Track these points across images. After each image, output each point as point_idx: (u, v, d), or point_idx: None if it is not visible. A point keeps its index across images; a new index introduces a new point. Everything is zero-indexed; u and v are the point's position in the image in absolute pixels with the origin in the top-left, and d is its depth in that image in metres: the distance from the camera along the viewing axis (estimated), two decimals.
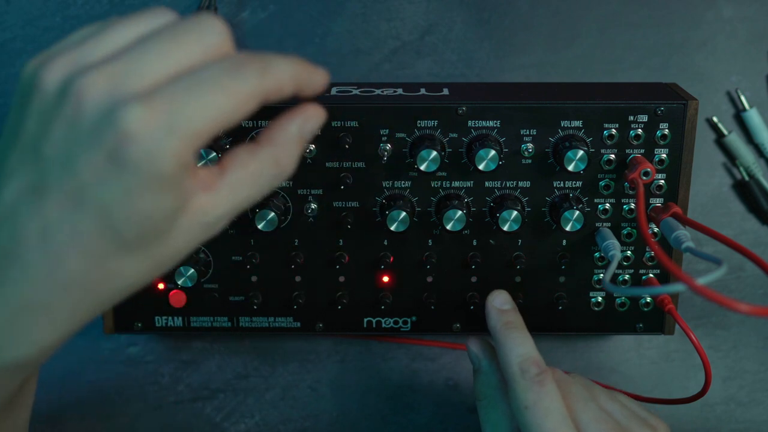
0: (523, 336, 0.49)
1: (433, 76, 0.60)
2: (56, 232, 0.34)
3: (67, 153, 0.33)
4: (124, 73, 0.33)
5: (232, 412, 0.65)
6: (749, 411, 0.65)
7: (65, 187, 0.34)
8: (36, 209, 0.34)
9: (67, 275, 0.35)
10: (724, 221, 0.62)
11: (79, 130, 0.33)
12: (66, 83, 0.34)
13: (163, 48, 0.34)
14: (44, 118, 0.34)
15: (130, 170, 0.33)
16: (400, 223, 0.52)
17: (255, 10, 0.59)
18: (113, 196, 0.33)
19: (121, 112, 0.32)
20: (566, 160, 0.51)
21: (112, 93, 0.33)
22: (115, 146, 0.32)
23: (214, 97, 0.34)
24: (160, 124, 0.32)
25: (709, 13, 0.59)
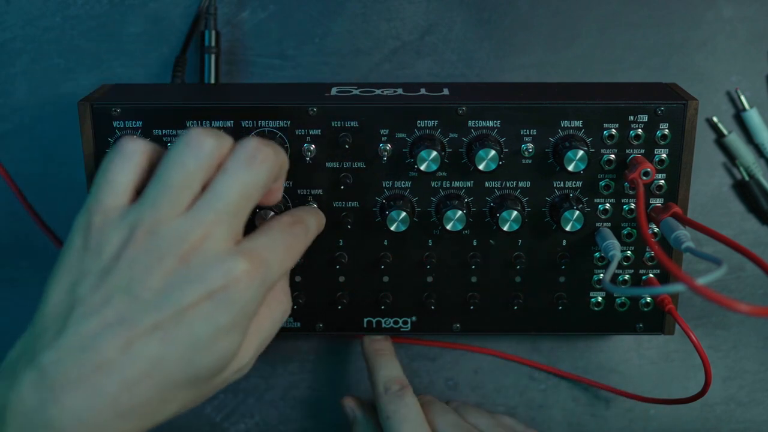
0: (390, 360, 0.58)
1: (433, 76, 0.60)
2: (136, 361, 0.37)
3: (165, 294, 0.38)
4: (217, 231, 0.39)
5: (232, 412, 0.65)
6: (749, 411, 0.65)
7: (156, 322, 0.38)
8: (120, 339, 0.37)
9: (131, 403, 0.38)
10: (724, 221, 0.62)
11: (182, 276, 0.38)
12: (166, 239, 0.39)
13: (235, 198, 0.40)
14: (141, 268, 0.38)
15: (228, 310, 0.38)
16: (400, 223, 0.52)
17: (255, 10, 0.59)
18: (204, 332, 0.38)
19: (229, 263, 0.39)
20: (566, 160, 0.51)
21: (212, 248, 0.39)
22: (220, 287, 0.38)
23: (288, 255, 0.43)
24: (259, 274, 0.39)
25: (709, 13, 0.59)
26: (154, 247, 0.39)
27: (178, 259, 0.38)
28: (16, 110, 0.60)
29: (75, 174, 0.61)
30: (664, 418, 0.65)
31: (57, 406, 0.37)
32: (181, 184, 0.40)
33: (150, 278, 0.38)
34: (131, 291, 0.38)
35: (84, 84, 0.60)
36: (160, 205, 0.40)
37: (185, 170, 0.40)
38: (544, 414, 0.65)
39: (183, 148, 0.40)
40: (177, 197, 0.40)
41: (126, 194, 0.41)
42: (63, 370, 0.37)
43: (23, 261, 0.63)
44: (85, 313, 0.38)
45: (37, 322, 0.39)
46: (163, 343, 0.38)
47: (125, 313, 0.38)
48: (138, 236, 0.39)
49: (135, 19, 0.59)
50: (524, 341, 0.64)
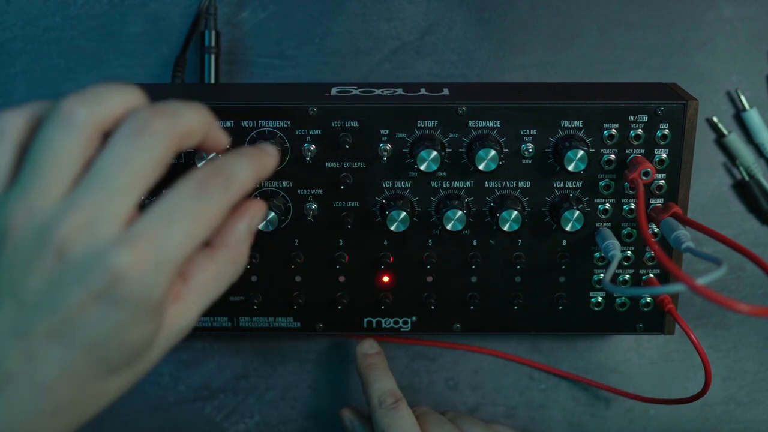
0: (383, 374, 0.58)
1: (433, 76, 0.60)
2: (44, 368, 0.35)
3: (50, 296, 0.34)
4: (97, 216, 0.34)
5: (232, 412, 0.65)
6: (749, 411, 0.65)
7: (51, 328, 0.34)
8: (21, 349, 0.34)
9: (55, 404, 0.36)
10: (724, 221, 0.62)
11: (61, 274, 0.34)
12: (39, 232, 0.34)
13: (120, 178, 0.34)
14: (20, 266, 0.34)
15: (122, 307, 0.34)
16: (400, 223, 0.52)
17: (255, 10, 0.59)
18: (103, 332, 0.35)
19: (110, 257, 0.33)
20: (566, 160, 0.51)
21: (92, 238, 0.34)
22: (105, 286, 0.33)
23: (189, 225, 0.35)
24: (148, 263, 0.34)
25: (709, 13, 0.59)
26: (29, 241, 0.34)
27: (54, 254, 0.34)
28: None
29: None
30: (664, 418, 0.65)
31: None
32: (50, 166, 0.34)
33: (30, 279, 0.34)
34: (16, 294, 0.34)
35: (84, 84, 0.59)
36: (30, 192, 0.34)
37: (53, 149, 0.34)
38: (544, 414, 0.65)
39: (51, 123, 0.35)
40: (48, 182, 0.34)
41: (4, 175, 0.36)
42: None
43: None
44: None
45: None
46: (64, 349, 0.34)
47: (17, 321, 0.34)
48: (12, 229, 0.34)
49: (135, 19, 0.59)
50: (524, 341, 0.64)
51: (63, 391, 0.36)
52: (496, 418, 0.65)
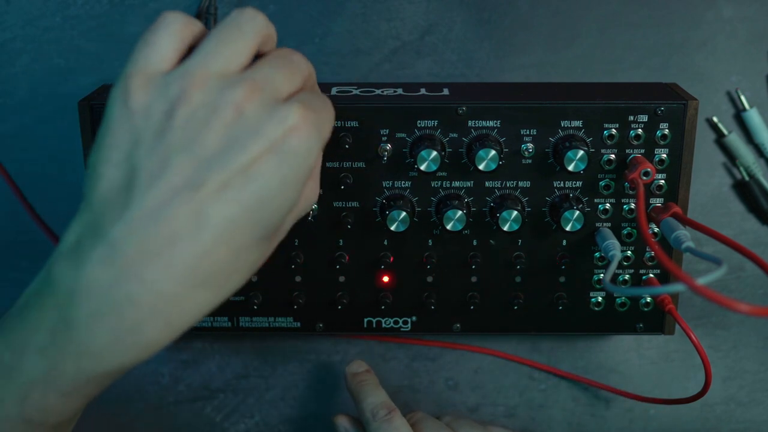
0: (373, 389, 0.58)
1: (433, 76, 0.60)
2: (208, 226, 0.36)
3: (226, 149, 0.36)
4: (270, 84, 0.38)
5: (232, 412, 0.65)
6: (749, 411, 0.65)
7: (223, 180, 0.36)
8: (190, 205, 0.36)
9: (208, 271, 0.37)
10: (724, 221, 0.62)
11: (240, 127, 0.37)
12: (220, 91, 0.37)
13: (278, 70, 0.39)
14: (197, 123, 0.37)
15: (290, 159, 0.37)
16: (400, 223, 0.52)
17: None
18: (270, 186, 0.37)
19: (284, 111, 0.37)
20: (566, 160, 0.51)
21: (268, 98, 0.38)
22: (280, 137, 0.37)
23: (329, 114, 0.41)
24: (313, 122, 0.38)
25: (709, 13, 0.59)
26: (208, 100, 0.37)
27: (233, 109, 0.36)
28: (16, 110, 0.60)
29: (75, 174, 0.61)
30: (664, 418, 0.65)
31: (134, 280, 0.36)
32: (235, 43, 0.38)
33: (209, 134, 0.36)
34: (191, 150, 0.36)
35: (84, 84, 0.60)
36: (213, 60, 0.38)
37: (241, 31, 0.39)
38: (544, 414, 0.65)
39: (239, 15, 0.39)
40: (231, 55, 0.38)
41: (168, 59, 0.39)
42: (137, 243, 0.35)
43: (23, 261, 0.63)
44: (148, 181, 0.36)
45: (94, 200, 0.37)
46: (234, 204, 0.36)
47: (189, 175, 0.36)
48: (188, 91, 0.37)
49: (135, 19, 0.59)
50: (524, 341, 0.64)
51: (219, 255, 0.37)
52: (496, 418, 0.65)
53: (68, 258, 0.37)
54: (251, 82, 0.37)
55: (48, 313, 0.37)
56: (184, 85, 0.37)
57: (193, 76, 0.37)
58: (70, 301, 0.36)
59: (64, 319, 0.36)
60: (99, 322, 0.36)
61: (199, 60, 0.38)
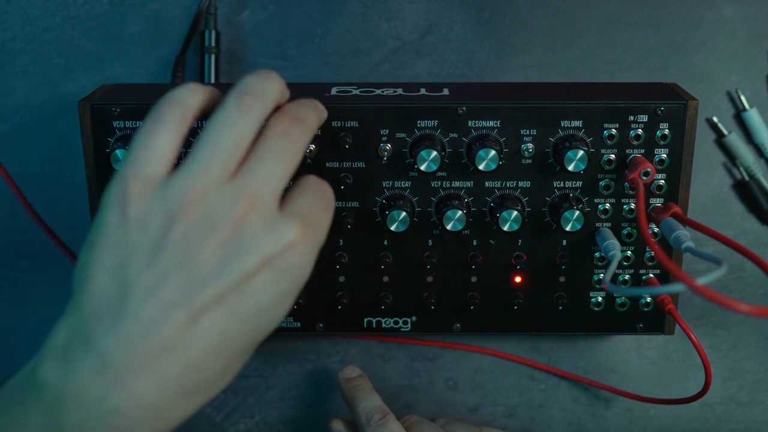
0: (367, 393, 0.58)
1: (433, 76, 0.60)
2: (201, 338, 0.36)
3: (221, 266, 0.36)
4: (266, 194, 0.38)
5: (232, 412, 0.65)
6: (749, 411, 0.65)
7: (217, 296, 0.36)
8: (183, 318, 0.36)
9: (198, 382, 0.37)
10: (724, 221, 0.62)
11: (236, 245, 0.37)
12: (218, 208, 0.37)
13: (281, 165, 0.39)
14: (195, 240, 0.36)
15: (286, 276, 0.38)
16: (400, 223, 0.52)
17: (255, 10, 0.59)
18: (265, 302, 0.37)
19: (283, 228, 0.37)
20: (566, 160, 0.51)
21: (265, 212, 0.37)
22: (277, 254, 0.37)
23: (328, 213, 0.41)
24: (313, 239, 0.39)
25: (709, 13, 0.59)
26: (206, 217, 0.37)
27: (231, 226, 0.36)
28: (16, 110, 0.60)
29: (75, 174, 0.61)
30: (664, 418, 0.65)
31: (123, 392, 0.36)
32: (233, 148, 0.38)
33: (205, 251, 0.36)
34: (187, 267, 0.36)
35: (84, 84, 0.60)
36: (211, 170, 0.37)
37: (239, 133, 0.38)
38: (544, 414, 0.65)
39: (231, 110, 0.38)
40: (228, 161, 0.38)
41: (166, 162, 0.38)
42: (127, 356, 0.36)
43: (23, 261, 0.63)
44: (142, 295, 0.36)
45: (84, 305, 0.37)
46: (227, 318, 0.36)
47: (184, 292, 0.36)
48: (187, 206, 0.37)
49: (135, 19, 0.59)
50: (524, 341, 0.64)
51: (211, 366, 0.37)
52: (496, 418, 0.65)
53: (57, 362, 0.37)
54: (249, 193, 0.37)
55: (35, 415, 0.37)
56: (182, 199, 0.37)
57: (190, 190, 0.37)
58: (58, 407, 0.36)
59: (51, 423, 0.37)
60: (86, 430, 0.36)
61: (195, 169, 0.37)
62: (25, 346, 0.64)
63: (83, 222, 0.59)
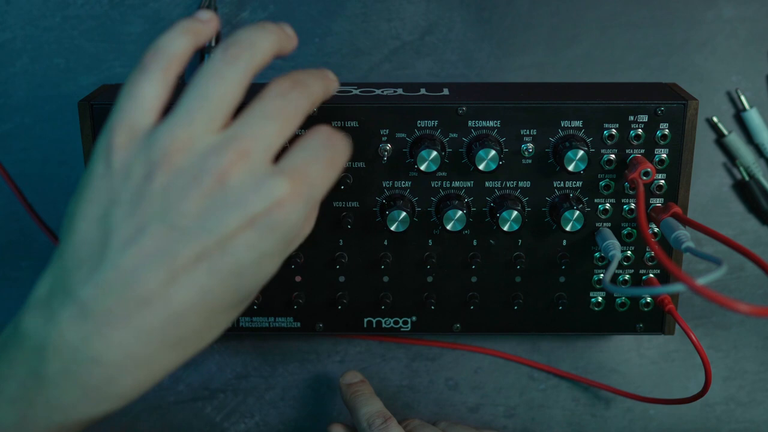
0: (368, 398, 0.58)
1: (433, 76, 0.60)
2: (182, 294, 0.36)
3: (204, 220, 0.35)
4: (256, 148, 0.36)
5: (232, 412, 0.65)
6: (749, 411, 0.65)
7: (199, 252, 0.35)
8: (164, 272, 0.35)
9: (179, 335, 0.37)
10: (724, 221, 0.62)
11: (220, 199, 0.35)
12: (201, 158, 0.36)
13: (278, 122, 0.37)
14: (176, 191, 0.36)
15: (272, 234, 0.36)
16: (400, 223, 0.52)
17: (255, 10, 0.59)
18: (248, 259, 0.36)
19: (270, 185, 0.36)
20: (566, 160, 0.51)
21: (253, 167, 0.36)
22: (262, 212, 0.36)
23: (331, 170, 0.38)
24: (301, 195, 0.36)
25: (709, 13, 0.59)
26: (189, 167, 0.36)
27: (215, 179, 0.35)
28: (16, 110, 0.60)
29: (75, 174, 0.61)
30: (664, 418, 0.65)
31: (103, 341, 0.36)
32: (219, 98, 0.36)
33: (187, 204, 0.35)
34: (168, 219, 0.35)
35: (84, 84, 0.60)
36: (196, 119, 0.36)
37: (224, 83, 0.37)
38: (544, 414, 0.65)
39: (219, 60, 0.37)
40: (214, 112, 0.36)
41: (153, 112, 0.37)
42: (106, 306, 0.35)
43: (23, 261, 0.63)
44: (122, 244, 0.35)
45: (66, 254, 0.37)
46: (208, 274, 0.36)
47: (165, 244, 0.35)
48: (171, 155, 0.36)
49: (135, 19, 0.59)
50: (524, 341, 0.64)
51: (192, 321, 0.37)
52: (496, 419, 0.65)
53: (39, 312, 0.37)
54: (238, 144, 0.36)
55: (18, 365, 0.37)
56: (166, 147, 0.36)
57: (175, 138, 0.36)
58: (39, 356, 0.36)
59: (33, 373, 0.37)
60: (68, 379, 0.36)
61: (180, 118, 0.36)
62: None
63: None
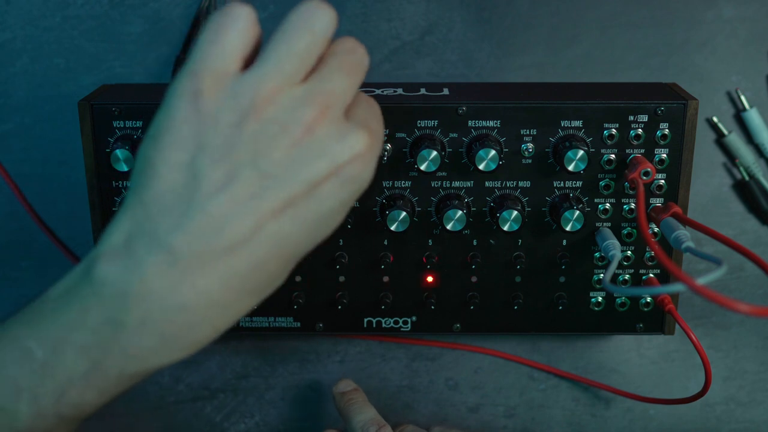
0: (363, 406, 0.58)
1: (433, 76, 0.60)
2: (266, 241, 0.37)
3: (291, 168, 0.36)
4: (336, 102, 0.37)
5: (232, 412, 0.65)
6: (749, 411, 0.65)
7: (286, 199, 0.36)
8: (252, 219, 0.36)
9: (259, 279, 0.38)
10: (724, 221, 0.62)
11: (308, 149, 0.36)
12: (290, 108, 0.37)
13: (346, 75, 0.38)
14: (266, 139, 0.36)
15: (351, 185, 0.38)
16: (400, 223, 0.52)
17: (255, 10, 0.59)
18: (329, 208, 0.37)
19: (354, 138, 0.37)
20: (566, 160, 0.51)
21: (336, 120, 0.37)
22: (346, 163, 0.37)
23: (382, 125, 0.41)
24: (377, 148, 0.39)
25: (709, 13, 0.59)
26: (279, 117, 0.36)
27: (303, 129, 0.36)
28: (16, 110, 0.60)
29: (75, 174, 0.61)
30: (664, 418, 0.65)
31: (190, 287, 0.36)
32: (306, 51, 0.37)
33: (276, 151, 0.36)
34: (258, 165, 0.36)
35: (84, 84, 0.60)
36: (284, 70, 0.37)
37: (312, 36, 0.37)
38: (544, 414, 0.65)
39: (308, 14, 0.37)
40: (301, 63, 0.37)
41: (237, 59, 0.37)
42: (195, 252, 0.36)
43: (23, 261, 0.63)
44: (212, 191, 0.36)
45: (149, 200, 0.36)
46: (293, 221, 0.37)
47: (255, 190, 0.36)
48: (260, 104, 0.36)
49: (135, 19, 0.59)
50: (524, 341, 0.64)
51: (271, 267, 0.38)
52: (496, 419, 0.65)
53: (118, 259, 0.36)
54: (321, 99, 0.37)
55: (92, 312, 0.36)
56: (255, 97, 0.36)
57: (264, 88, 0.36)
58: (120, 304, 0.36)
59: (111, 320, 0.36)
60: (149, 327, 0.36)
61: (270, 68, 0.37)
62: None
63: (83, 222, 0.59)
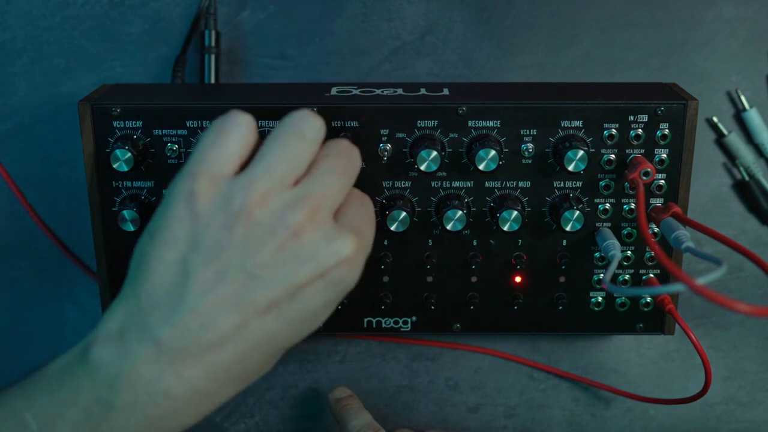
0: (358, 412, 0.59)
1: (433, 76, 0.60)
2: (251, 338, 0.39)
3: (278, 271, 0.38)
4: (324, 206, 0.40)
5: (232, 412, 0.65)
6: (749, 411, 0.65)
7: (271, 300, 0.38)
8: (237, 318, 0.38)
9: (242, 372, 0.40)
10: (724, 221, 0.62)
11: (294, 253, 0.38)
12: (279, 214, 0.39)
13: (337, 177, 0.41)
14: (254, 242, 0.38)
15: (336, 287, 0.40)
16: (400, 223, 0.52)
17: (255, 10, 0.59)
18: (314, 308, 0.40)
19: (340, 243, 0.39)
20: (566, 160, 0.51)
21: (323, 225, 0.39)
22: (331, 267, 0.39)
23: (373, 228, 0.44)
24: (364, 255, 0.41)
25: (709, 13, 0.59)
26: (267, 220, 0.38)
27: (290, 233, 0.38)
28: (16, 110, 0.60)
29: (75, 174, 0.61)
30: (664, 418, 0.65)
31: (175, 377, 0.38)
32: (296, 157, 0.40)
33: (264, 255, 0.38)
34: (245, 267, 0.38)
35: (84, 84, 0.60)
36: (275, 174, 0.39)
37: (304, 144, 0.40)
38: (544, 414, 0.65)
39: (299, 121, 0.41)
40: (292, 168, 0.40)
41: (234, 163, 0.40)
42: (182, 345, 0.38)
43: (23, 261, 0.63)
44: (201, 289, 0.38)
45: (142, 293, 0.39)
46: (277, 320, 0.39)
47: (241, 291, 0.38)
48: (251, 207, 0.38)
49: (135, 19, 0.59)
50: (524, 341, 0.64)
51: (256, 359, 0.40)
52: (496, 419, 0.65)
53: (112, 345, 0.39)
54: (310, 202, 0.39)
55: (85, 392, 0.39)
56: (246, 199, 0.38)
57: (255, 191, 0.38)
58: (110, 387, 0.38)
59: (102, 401, 0.39)
60: (136, 409, 0.39)
61: (261, 172, 0.39)
62: (25, 345, 0.64)
63: (83, 222, 0.59)
